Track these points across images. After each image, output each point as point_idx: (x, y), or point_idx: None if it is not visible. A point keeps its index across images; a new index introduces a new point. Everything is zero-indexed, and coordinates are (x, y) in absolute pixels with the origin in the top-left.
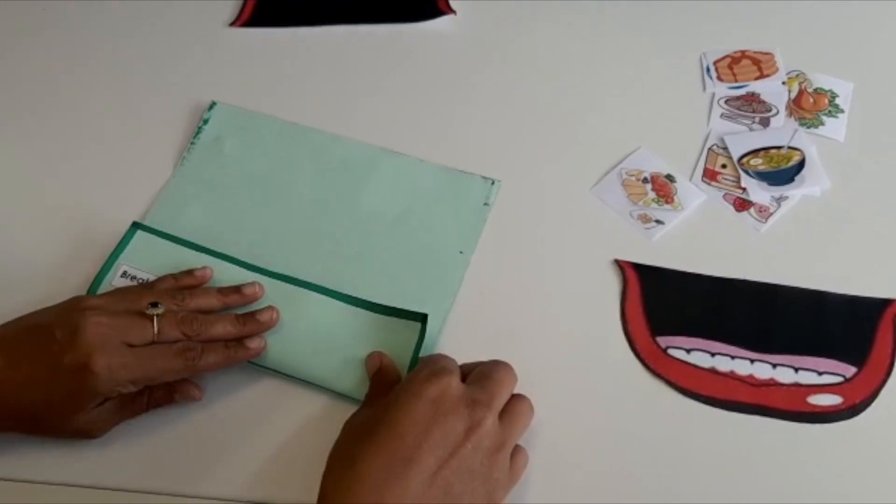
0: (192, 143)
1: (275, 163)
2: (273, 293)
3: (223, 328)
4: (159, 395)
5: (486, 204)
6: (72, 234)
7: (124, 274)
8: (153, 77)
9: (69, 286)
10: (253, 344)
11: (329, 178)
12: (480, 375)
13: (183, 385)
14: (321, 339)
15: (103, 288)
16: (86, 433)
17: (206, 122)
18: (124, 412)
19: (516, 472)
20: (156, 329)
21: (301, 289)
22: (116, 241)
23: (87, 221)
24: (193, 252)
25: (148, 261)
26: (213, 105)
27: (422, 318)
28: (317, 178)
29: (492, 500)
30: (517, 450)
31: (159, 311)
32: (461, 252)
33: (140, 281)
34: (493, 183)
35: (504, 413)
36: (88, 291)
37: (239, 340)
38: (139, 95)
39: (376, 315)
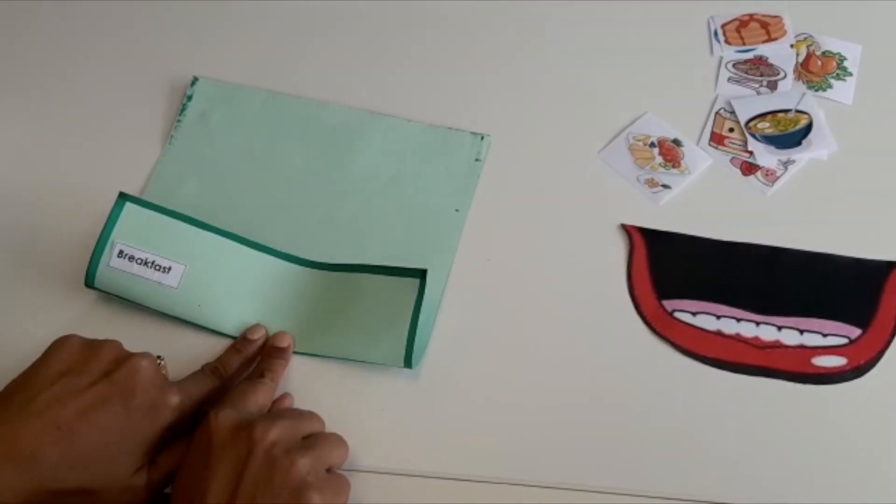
0: (179, 121)
1: (264, 134)
2: (274, 270)
3: (237, 368)
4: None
5: (477, 160)
6: (62, 221)
7: (121, 254)
8: (128, 55)
9: (66, 277)
10: (255, 335)
11: (319, 146)
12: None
13: None
14: (323, 311)
15: (101, 270)
16: (137, 499)
17: (189, 98)
18: (171, 476)
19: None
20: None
21: (301, 267)
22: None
23: (79, 207)
24: (188, 226)
25: (143, 237)
26: (195, 81)
27: (420, 274)
28: (307, 146)
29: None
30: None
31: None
32: (457, 210)
33: (138, 260)
34: (482, 138)
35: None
36: (87, 275)
37: (242, 338)
38: (116, 75)
39: (374, 276)
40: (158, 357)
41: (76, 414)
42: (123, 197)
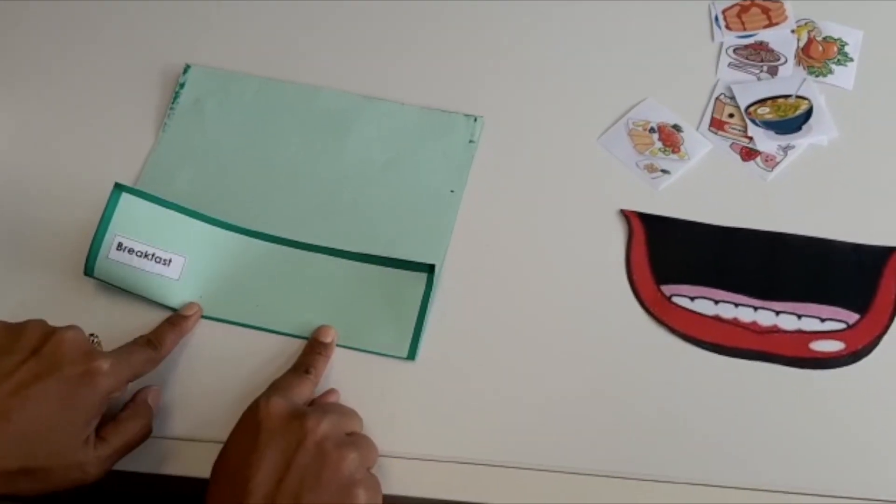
0: (172, 109)
1: (258, 121)
2: (275, 257)
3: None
4: (144, 413)
5: (471, 141)
6: (58, 211)
7: (120, 246)
8: (120, 43)
9: (64, 267)
10: (189, 312)
11: (314, 132)
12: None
13: (144, 392)
14: (324, 297)
15: (100, 262)
16: (87, 474)
17: (182, 85)
18: (124, 447)
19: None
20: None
21: (303, 251)
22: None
23: (74, 196)
24: (186, 217)
25: (141, 228)
26: (187, 68)
27: (429, 269)
28: (302, 132)
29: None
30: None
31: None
32: (452, 191)
33: (138, 253)
34: (475, 120)
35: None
36: (86, 265)
37: (176, 314)
38: (109, 64)
39: (382, 268)
40: (92, 335)
41: (9, 393)
42: (119, 188)
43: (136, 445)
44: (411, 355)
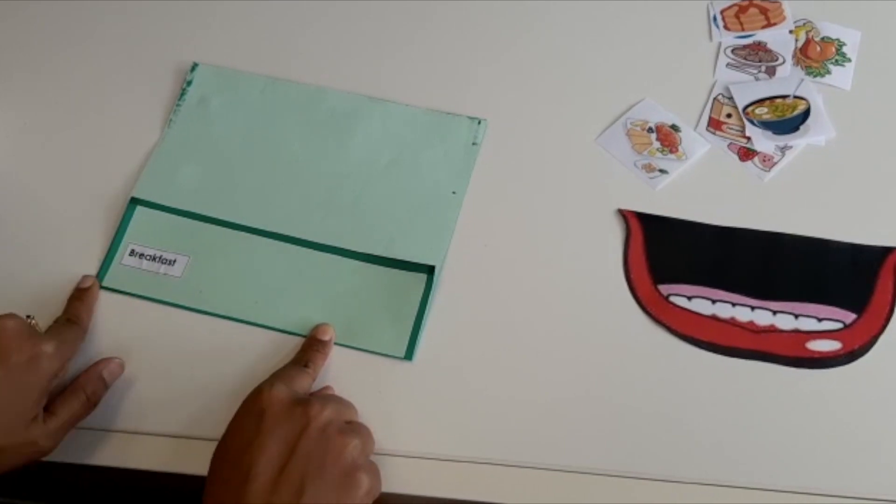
0: (178, 106)
1: (263, 120)
2: (275, 254)
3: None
4: (91, 386)
5: (474, 143)
6: (65, 206)
7: (132, 252)
8: (129, 40)
9: (75, 264)
10: (87, 283)
11: (317, 131)
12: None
13: (101, 364)
14: (328, 297)
15: (114, 268)
16: (40, 448)
17: (189, 83)
18: (72, 419)
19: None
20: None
21: (304, 249)
22: (111, 209)
23: (80, 191)
24: (195, 222)
25: (153, 237)
26: (194, 66)
27: (428, 270)
28: (305, 131)
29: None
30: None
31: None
32: (454, 192)
33: (148, 257)
34: (479, 122)
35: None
36: (98, 274)
37: (77, 288)
38: (117, 60)
39: (382, 268)
40: (28, 316)
41: None
42: (135, 201)
43: (84, 417)
44: (409, 355)
